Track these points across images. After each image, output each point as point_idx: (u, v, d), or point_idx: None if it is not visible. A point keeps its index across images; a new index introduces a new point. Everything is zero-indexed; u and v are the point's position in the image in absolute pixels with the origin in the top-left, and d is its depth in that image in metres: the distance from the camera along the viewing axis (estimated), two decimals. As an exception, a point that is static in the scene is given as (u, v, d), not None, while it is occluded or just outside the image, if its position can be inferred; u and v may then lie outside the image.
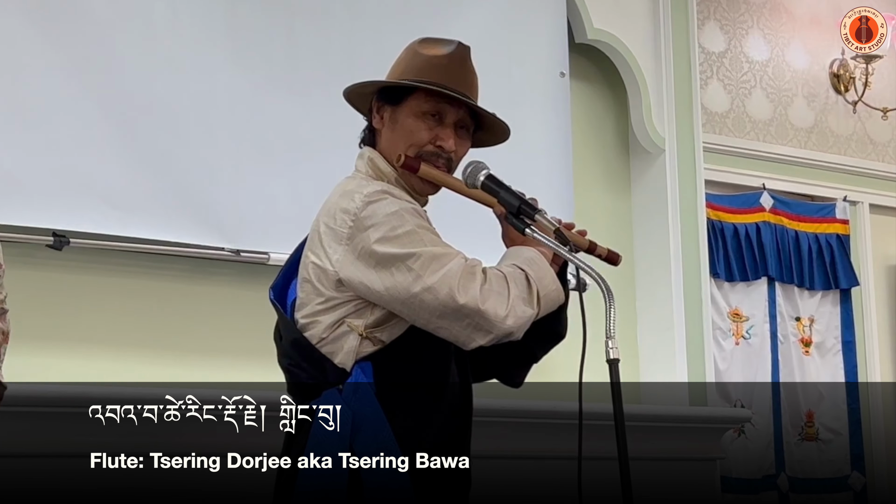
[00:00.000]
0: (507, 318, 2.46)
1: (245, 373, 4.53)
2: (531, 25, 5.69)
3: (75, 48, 4.57)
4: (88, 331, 4.64)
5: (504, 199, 2.60)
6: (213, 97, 4.83)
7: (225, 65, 4.88)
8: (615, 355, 2.36)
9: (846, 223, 6.95)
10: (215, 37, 4.87)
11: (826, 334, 6.85)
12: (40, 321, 4.49)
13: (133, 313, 4.73)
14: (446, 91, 2.63)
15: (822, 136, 7.03)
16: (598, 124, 6.14)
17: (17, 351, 2.72)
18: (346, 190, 2.61)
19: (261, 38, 4.98)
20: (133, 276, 4.76)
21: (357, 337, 2.54)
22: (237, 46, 4.92)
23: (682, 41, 6.16)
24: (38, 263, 4.53)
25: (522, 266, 2.53)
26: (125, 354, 4.67)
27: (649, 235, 6.06)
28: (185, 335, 4.81)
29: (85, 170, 4.52)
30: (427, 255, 2.48)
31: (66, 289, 4.63)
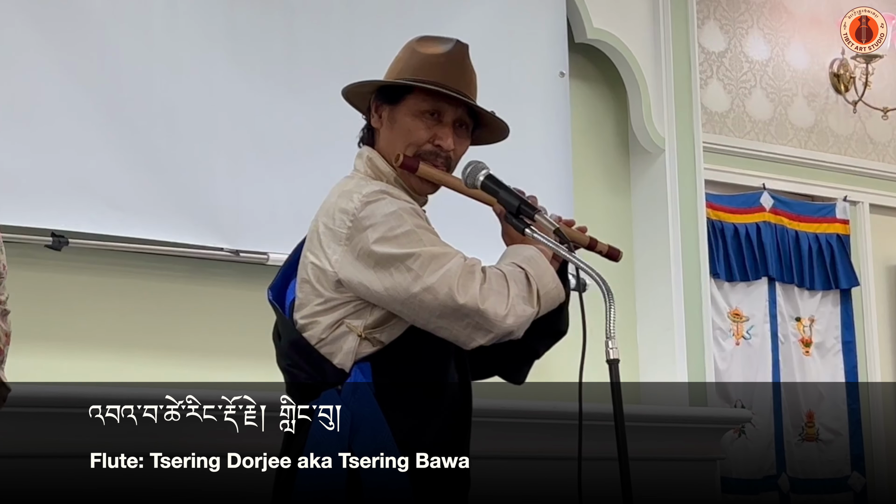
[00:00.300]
0: (508, 318, 2.46)
1: (244, 373, 4.54)
2: (530, 25, 5.69)
3: (74, 47, 4.57)
4: (87, 331, 4.64)
5: (504, 199, 2.60)
6: (212, 96, 4.83)
7: (224, 63, 4.88)
8: (615, 355, 2.36)
9: (846, 223, 6.95)
10: (214, 35, 4.88)
11: (826, 334, 6.85)
12: (39, 322, 4.49)
13: (132, 314, 4.74)
14: (444, 90, 2.64)
15: (822, 135, 7.04)
16: (597, 124, 6.15)
17: (16, 352, 2.72)
18: (345, 190, 2.61)
19: (260, 36, 4.98)
20: (132, 276, 4.76)
21: (356, 338, 2.54)
22: (236, 45, 4.92)
23: (682, 41, 6.17)
24: (36, 264, 4.53)
25: (522, 264, 2.54)
26: (124, 355, 4.67)
27: (649, 236, 6.07)
28: (184, 335, 4.82)
29: (84, 169, 4.53)
30: (426, 255, 2.48)
31: (65, 289, 4.63)
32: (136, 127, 4.65)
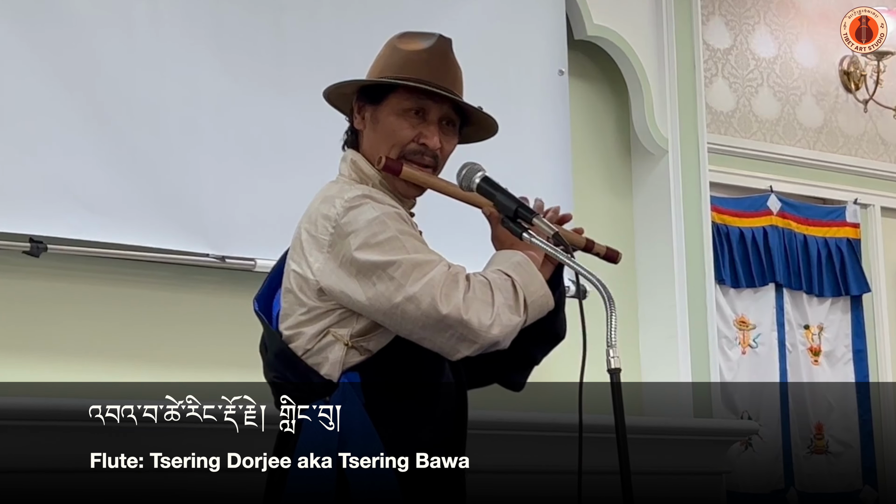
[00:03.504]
0: (493, 328, 2.45)
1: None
2: (528, 21, 5.69)
3: (52, 44, 4.56)
4: (66, 342, 4.63)
5: (500, 203, 2.60)
6: (197, 97, 4.83)
7: (209, 62, 4.88)
8: (616, 364, 2.36)
9: (857, 227, 6.96)
10: (199, 34, 4.87)
11: (836, 343, 6.86)
12: (15, 332, 4.49)
13: (113, 322, 4.73)
14: (428, 87, 2.64)
15: (831, 136, 7.04)
16: (598, 124, 6.15)
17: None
18: (328, 195, 2.61)
19: (247, 35, 4.98)
20: (114, 283, 4.75)
21: (343, 347, 2.54)
22: (222, 44, 4.92)
23: (686, 37, 6.17)
24: (13, 271, 4.53)
25: (508, 271, 2.53)
26: (104, 366, 4.66)
27: (652, 240, 6.07)
28: (168, 345, 4.81)
29: (63, 172, 4.52)
30: (408, 263, 2.47)
31: (44, 297, 4.62)
32: (118, 128, 4.65)
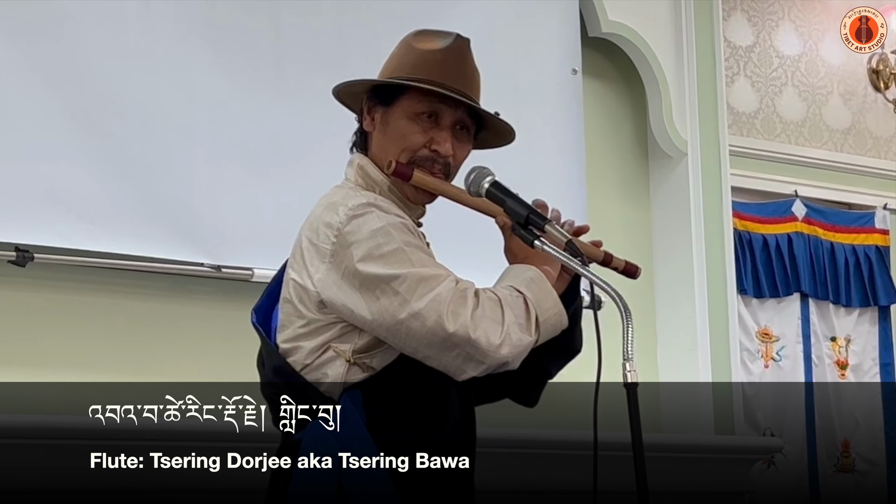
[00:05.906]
0: (502, 347, 2.44)
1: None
2: (540, 18, 5.70)
3: (41, 47, 4.57)
4: (54, 354, 4.64)
5: (511, 209, 2.59)
6: (192, 99, 4.84)
7: (204, 64, 4.89)
8: (633, 379, 2.35)
9: (886, 233, 6.96)
10: (193, 34, 4.88)
11: (863, 356, 6.86)
12: (1, 344, 4.50)
13: (103, 336, 4.74)
14: (442, 89, 2.61)
15: (859, 137, 7.04)
16: (613, 126, 6.16)
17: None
18: (331, 202, 2.59)
19: (243, 35, 4.99)
20: (104, 294, 4.76)
21: (344, 363, 2.52)
22: (217, 44, 4.93)
23: (706, 34, 6.18)
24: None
25: (520, 288, 2.51)
26: (95, 380, 4.66)
27: (670, 247, 6.07)
28: (161, 358, 4.82)
29: (51, 178, 4.53)
30: (414, 278, 2.45)
31: (30, 309, 4.63)
32: (109, 132, 4.66)
